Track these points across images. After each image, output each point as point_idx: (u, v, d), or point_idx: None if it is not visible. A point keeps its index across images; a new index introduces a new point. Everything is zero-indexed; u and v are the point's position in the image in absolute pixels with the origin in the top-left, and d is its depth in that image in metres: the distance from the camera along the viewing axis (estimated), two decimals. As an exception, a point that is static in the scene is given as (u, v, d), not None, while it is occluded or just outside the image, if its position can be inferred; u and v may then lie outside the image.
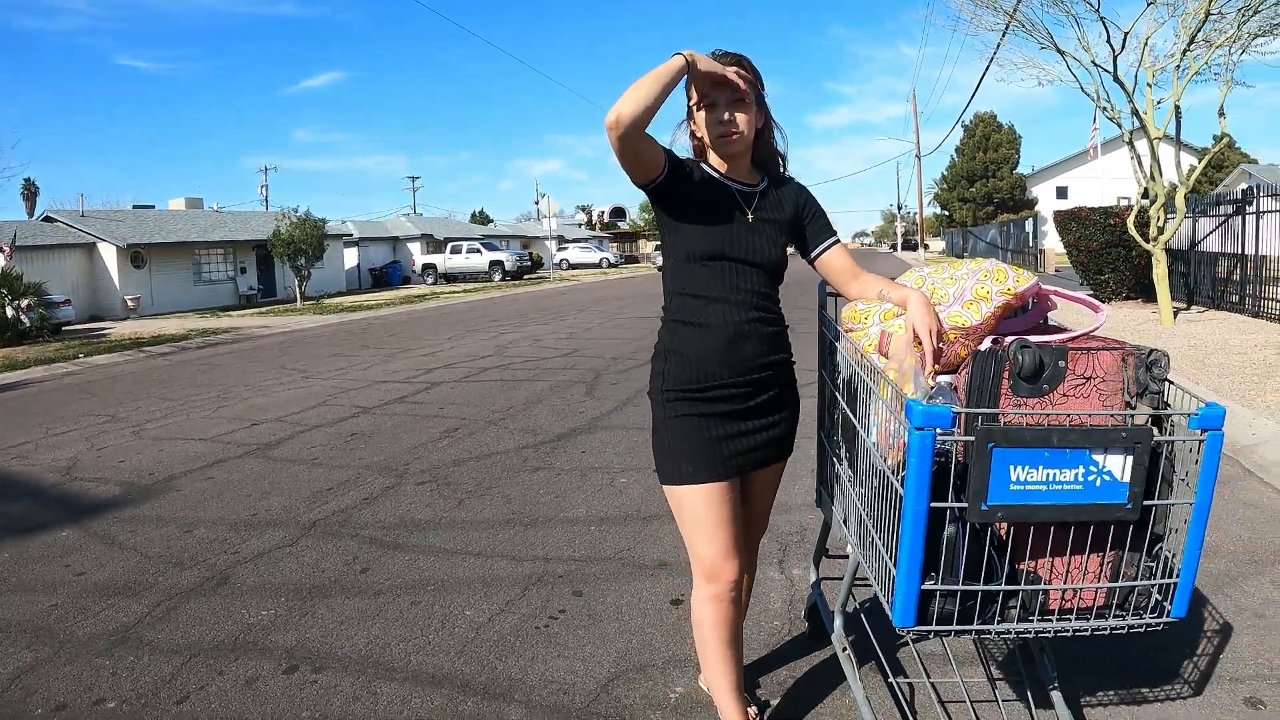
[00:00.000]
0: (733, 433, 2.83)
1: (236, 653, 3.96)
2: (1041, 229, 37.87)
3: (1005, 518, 2.19)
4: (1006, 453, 2.12)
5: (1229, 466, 6.52)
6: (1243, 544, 4.94)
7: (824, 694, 3.46)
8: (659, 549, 5.05)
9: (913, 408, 2.09)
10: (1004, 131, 68.96)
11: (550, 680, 3.62)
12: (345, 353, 15.94)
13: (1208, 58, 14.24)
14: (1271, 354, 10.85)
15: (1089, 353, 2.36)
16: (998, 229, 49.11)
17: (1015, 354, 2.32)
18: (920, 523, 2.16)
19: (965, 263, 2.82)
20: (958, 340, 2.65)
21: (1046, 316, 3.05)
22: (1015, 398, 2.35)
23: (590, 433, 8.18)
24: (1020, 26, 16.06)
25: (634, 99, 2.53)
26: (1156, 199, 15.06)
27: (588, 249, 67.79)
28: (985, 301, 2.64)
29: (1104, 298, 18.96)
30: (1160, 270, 14.93)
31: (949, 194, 71.40)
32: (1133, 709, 3.32)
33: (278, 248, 34.59)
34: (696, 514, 2.81)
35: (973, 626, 2.33)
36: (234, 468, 7.35)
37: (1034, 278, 2.73)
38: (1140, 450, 2.17)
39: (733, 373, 2.80)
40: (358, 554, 5.14)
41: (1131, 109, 15.12)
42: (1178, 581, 2.37)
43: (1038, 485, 2.16)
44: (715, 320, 2.79)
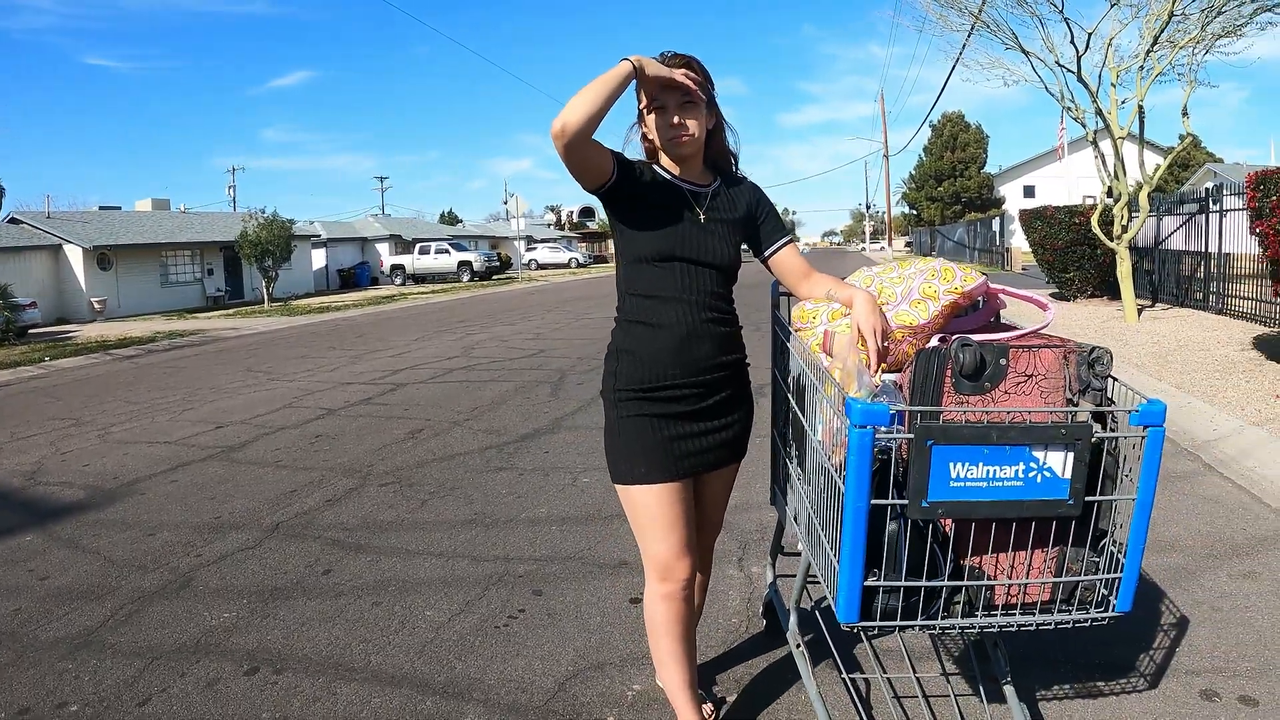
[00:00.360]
0: (685, 433, 2.83)
1: (198, 655, 3.95)
2: (1008, 228, 38.15)
3: (946, 514, 2.21)
4: (946, 450, 2.15)
5: (1189, 462, 6.60)
6: (1201, 538, 5.00)
7: (781, 690, 3.48)
8: (619, 548, 5.07)
9: (852, 406, 2.12)
10: (971, 131, 69.38)
11: (509, 679, 3.62)
12: (312, 354, 15.88)
13: (1171, 58, 14.38)
14: (1234, 351, 10.97)
15: (1031, 350, 2.39)
16: (965, 228, 49.39)
17: (957, 352, 2.35)
18: (861, 519, 2.18)
19: (914, 262, 2.85)
20: (905, 339, 2.68)
21: (998, 315, 3.08)
22: (958, 395, 2.37)
23: (554, 433, 8.19)
24: (985, 27, 16.18)
25: (578, 107, 2.52)
26: (1120, 198, 15.19)
27: (556, 249, 67.73)
28: (932, 300, 2.67)
29: (1069, 295, 19.11)
30: (1124, 268, 15.06)
31: (917, 193, 71.77)
32: (1088, 702, 3.36)
33: (245, 249, 34.37)
34: (649, 514, 2.81)
35: (916, 622, 2.36)
36: (198, 470, 7.32)
37: (981, 277, 2.76)
38: (1081, 447, 2.20)
39: (685, 373, 2.80)
40: (320, 555, 5.13)
41: (1095, 109, 15.25)
42: (1122, 576, 2.40)
43: (978, 482, 2.18)
44: (668, 320, 2.79)
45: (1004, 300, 3.03)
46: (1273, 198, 8.73)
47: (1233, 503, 5.63)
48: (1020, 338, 2.57)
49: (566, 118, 2.51)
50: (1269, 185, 8.87)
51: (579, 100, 2.53)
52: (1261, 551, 4.79)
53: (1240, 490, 5.89)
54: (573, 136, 2.53)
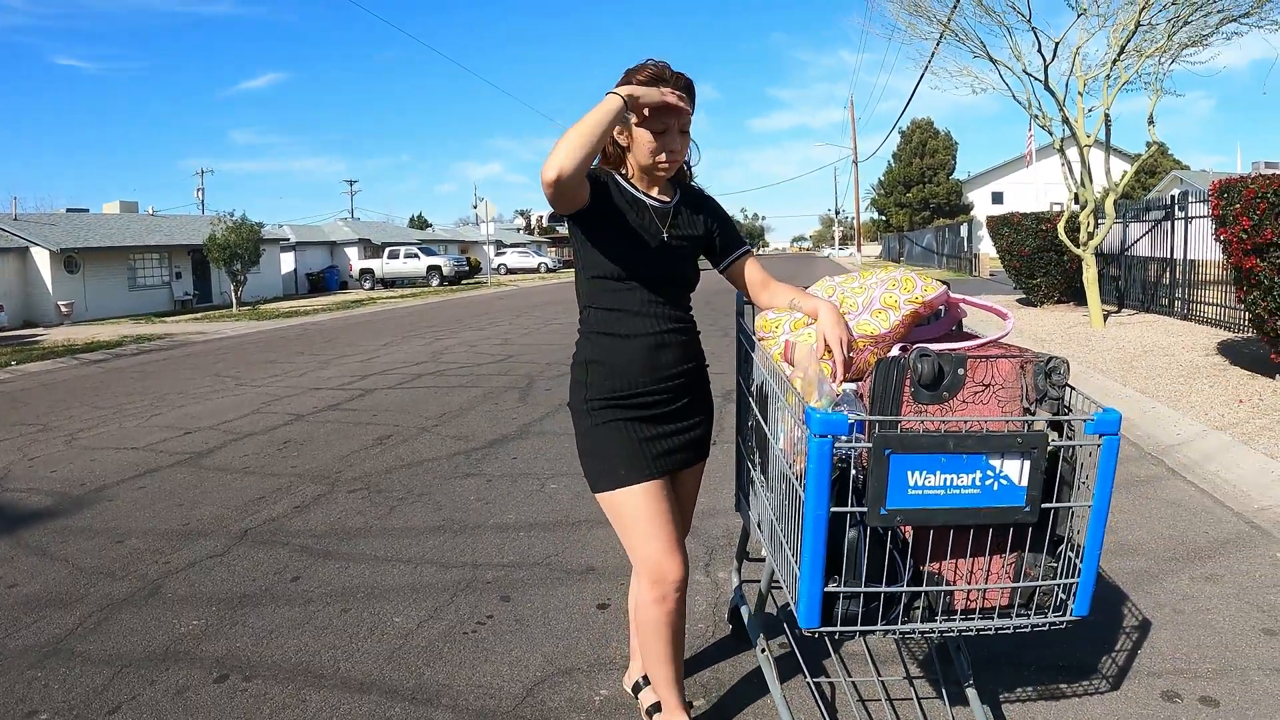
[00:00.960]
0: (656, 434, 2.88)
1: (167, 663, 3.94)
2: (977, 234, 38.38)
3: (905, 521, 2.25)
4: (904, 458, 2.18)
5: (1153, 466, 6.68)
6: (1164, 541, 5.07)
7: (747, 694, 3.51)
8: (587, 554, 5.09)
9: (812, 415, 2.15)
10: (940, 138, 69.86)
11: (477, 685, 3.64)
12: (280, 359, 15.80)
13: (1138, 67, 14.52)
14: (1199, 356, 11.09)
15: (988, 360, 2.43)
16: (933, 234, 49.73)
17: (916, 362, 2.38)
18: (821, 527, 2.21)
19: (875, 272, 2.89)
20: (866, 348, 2.71)
21: (959, 323, 3.12)
22: (916, 405, 2.41)
23: (522, 439, 8.20)
24: (954, 36, 16.30)
25: (572, 152, 2.47)
26: (1087, 205, 15.33)
27: (526, 254, 67.54)
28: (893, 310, 2.71)
29: (1036, 301, 19.28)
30: (1090, 274, 15.19)
31: (886, 199, 72.18)
32: (1050, 704, 3.41)
33: (213, 252, 34.08)
34: (634, 516, 2.82)
35: (877, 627, 2.39)
36: (166, 477, 7.28)
37: (942, 286, 2.79)
38: (1037, 455, 2.24)
39: (653, 379, 2.84)
40: (288, 562, 5.12)
41: (1063, 117, 15.38)
42: (1079, 581, 2.44)
43: (935, 489, 2.22)
44: (635, 331, 2.83)
45: (965, 309, 3.07)
46: (1236, 205, 8.84)
47: (1195, 506, 5.70)
48: (979, 347, 2.61)
49: (561, 164, 2.46)
50: (1233, 193, 8.98)
51: (570, 146, 2.47)
52: (1223, 554, 4.86)
53: (1203, 494, 5.96)
54: (568, 180, 2.50)
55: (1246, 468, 6.31)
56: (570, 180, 2.50)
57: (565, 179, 2.48)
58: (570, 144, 2.47)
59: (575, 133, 2.49)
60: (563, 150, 2.46)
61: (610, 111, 2.56)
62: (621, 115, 2.61)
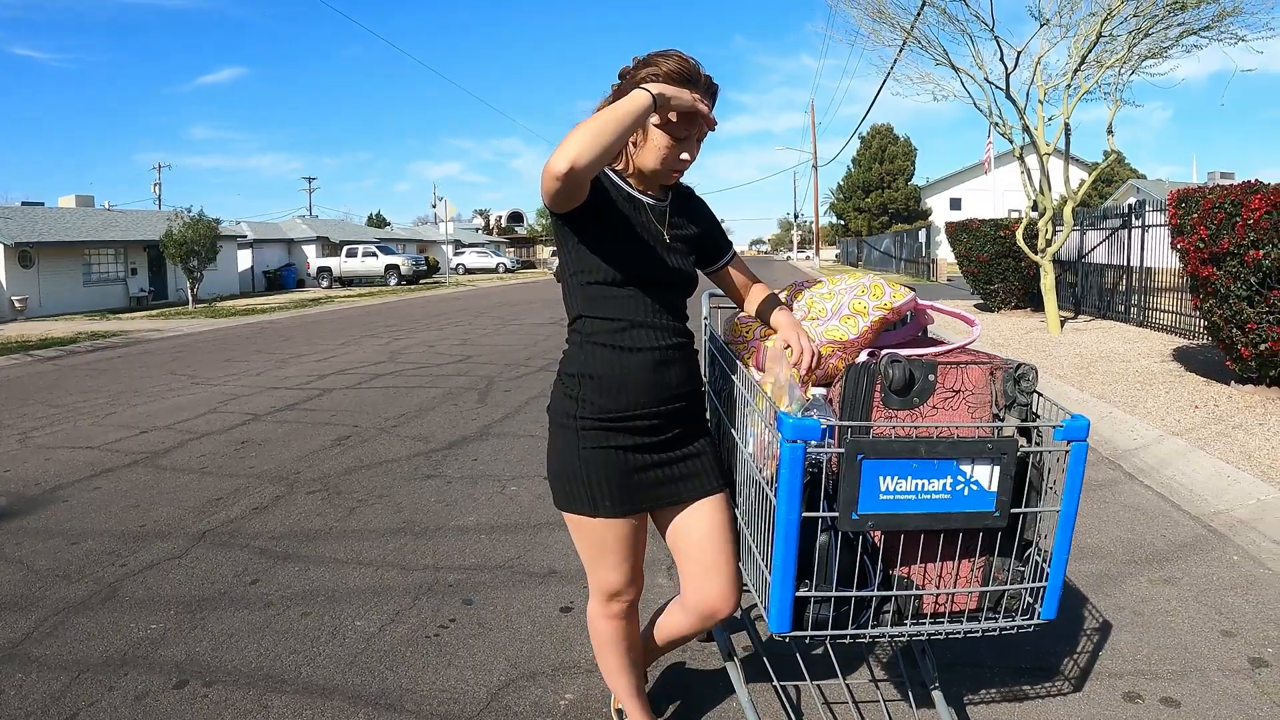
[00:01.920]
0: (649, 464, 2.66)
1: (126, 668, 3.88)
2: (935, 239, 38.68)
3: (876, 526, 2.25)
4: (875, 464, 2.19)
5: (1111, 470, 6.75)
6: (1123, 545, 5.12)
7: (713, 698, 3.51)
8: (549, 556, 5.08)
9: (784, 420, 2.15)
10: (900, 144, 70.42)
11: (441, 689, 3.61)
12: (237, 358, 15.65)
13: (1098, 78, 14.68)
14: (1154, 362, 11.22)
15: (959, 367, 2.44)
16: (892, 239, 50.06)
17: (886, 368, 2.39)
18: (792, 532, 2.21)
19: (844, 278, 2.89)
20: (835, 354, 2.71)
21: (926, 329, 3.13)
22: (887, 410, 2.41)
23: (482, 440, 8.17)
24: (917, 43, 16.40)
25: (593, 145, 2.24)
26: (1045, 212, 15.48)
27: (485, 254, 67.40)
28: (862, 316, 2.71)
29: (994, 307, 19.45)
30: (1048, 281, 15.34)
31: (845, 204, 72.63)
32: (1014, 705, 3.44)
33: (170, 248, 33.71)
34: (604, 546, 2.71)
35: (847, 631, 2.39)
36: (122, 477, 7.19)
37: (910, 293, 2.80)
38: (1006, 460, 2.25)
39: (654, 400, 2.61)
40: (247, 565, 5.07)
41: (1023, 125, 15.52)
42: (1047, 585, 2.46)
43: (907, 495, 2.22)
44: (639, 344, 2.59)
45: (932, 315, 3.08)
46: (1193, 215, 8.96)
47: (1153, 510, 5.77)
48: (948, 353, 2.62)
49: (576, 157, 2.23)
50: (1190, 203, 9.10)
51: (590, 137, 2.25)
52: (1181, 557, 4.92)
53: (1160, 498, 6.03)
54: (580, 175, 2.27)
55: (1202, 472, 6.39)
56: (581, 175, 2.27)
57: (577, 173, 2.25)
58: (589, 136, 2.25)
59: (596, 126, 2.27)
60: (579, 141, 2.24)
61: (639, 110, 2.34)
62: (648, 115, 2.40)
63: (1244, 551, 4.99)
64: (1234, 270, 8.52)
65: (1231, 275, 8.55)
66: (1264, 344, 8.41)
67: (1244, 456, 6.59)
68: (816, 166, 61.43)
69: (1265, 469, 6.24)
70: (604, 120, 2.28)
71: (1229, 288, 8.60)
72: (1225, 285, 8.64)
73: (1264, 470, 6.21)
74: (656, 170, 2.63)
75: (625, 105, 2.33)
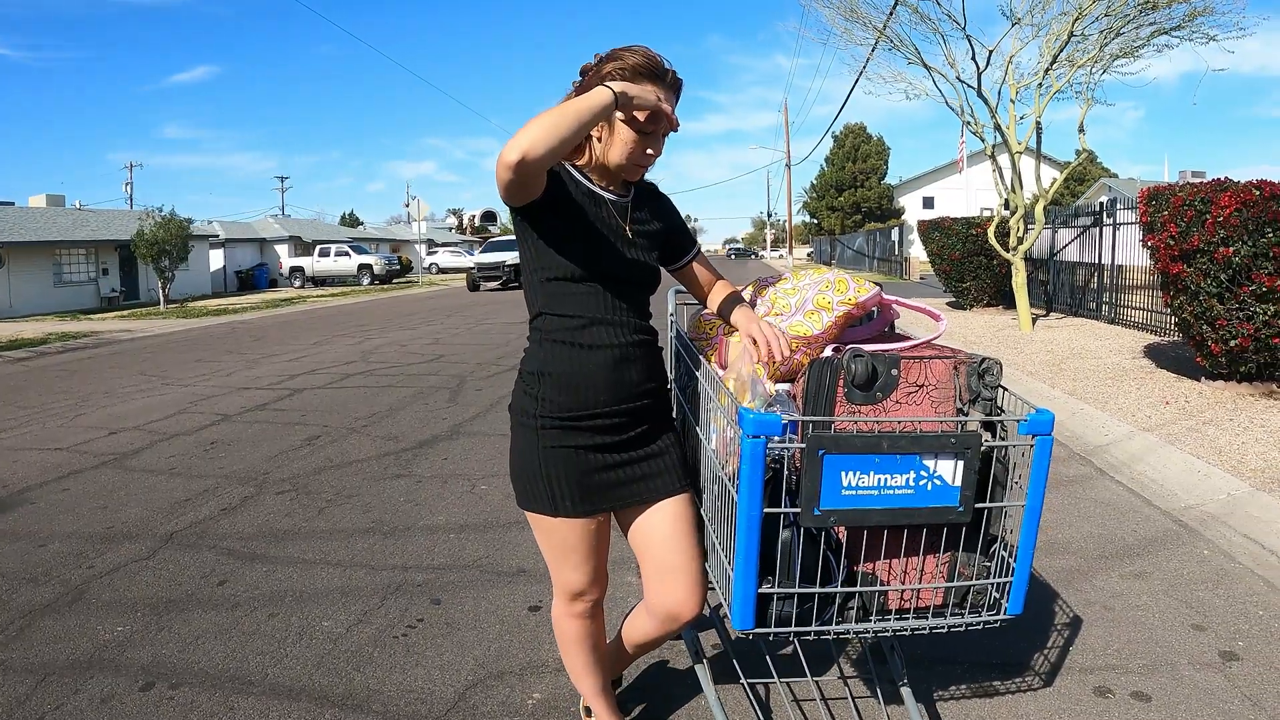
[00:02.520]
0: (609, 464, 2.63)
1: (92, 670, 3.84)
2: (908, 238, 38.82)
3: (838, 522, 2.24)
4: (837, 459, 2.17)
5: (1082, 466, 6.78)
6: (1094, 540, 5.14)
7: (682, 697, 3.50)
8: (517, 556, 5.06)
9: (745, 416, 2.13)
10: (873, 143, 70.75)
11: (408, 690, 3.59)
12: (208, 358, 15.55)
13: (1070, 77, 14.74)
14: (1125, 359, 11.28)
15: (922, 361, 2.43)
16: (865, 237, 50.28)
17: (849, 363, 2.37)
18: (754, 528, 2.20)
19: (808, 273, 2.87)
20: (799, 349, 2.70)
21: (892, 325, 3.13)
22: (850, 405, 2.40)
23: (452, 439, 8.14)
24: (889, 42, 16.41)
25: (547, 137, 2.21)
26: (1017, 210, 15.54)
27: (458, 253, 67.05)
28: (826, 311, 2.70)
29: (966, 304, 19.52)
30: (1019, 279, 15.40)
31: (818, 202, 72.93)
32: (985, 701, 3.44)
33: (141, 249, 33.46)
34: (566, 546, 2.70)
35: (811, 628, 2.38)
36: (90, 478, 7.12)
37: (875, 288, 2.79)
38: (970, 455, 2.24)
39: (615, 399, 2.58)
40: (215, 566, 5.02)
41: (994, 124, 15.57)
42: (1013, 580, 2.45)
43: (869, 490, 2.21)
44: (599, 341, 2.56)
45: (898, 310, 3.07)
46: (1164, 213, 9.01)
47: (1124, 505, 5.79)
48: (913, 348, 2.61)
49: (529, 147, 2.20)
50: (1160, 201, 9.15)
51: (543, 130, 2.21)
52: (1151, 552, 4.94)
53: (1131, 493, 6.06)
54: (532, 167, 2.24)
55: (1173, 467, 6.42)
56: (533, 167, 2.24)
57: (529, 163, 2.22)
58: (544, 128, 2.21)
59: (553, 118, 2.23)
60: (534, 132, 2.20)
61: (599, 106, 2.31)
62: (609, 112, 2.37)
63: (1215, 546, 5.02)
64: (1204, 267, 8.57)
65: (1201, 272, 8.61)
66: (1234, 340, 8.47)
67: (1214, 452, 6.62)
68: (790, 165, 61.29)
69: (1235, 464, 6.27)
70: (562, 113, 2.25)
71: (1199, 284, 8.65)
72: (1195, 282, 8.69)
73: (1234, 465, 6.25)
74: (622, 165, 2.60)
75: (586, 101, 2.31)
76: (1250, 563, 4.76)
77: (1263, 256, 8.12)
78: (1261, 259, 8.13)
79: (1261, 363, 8.59)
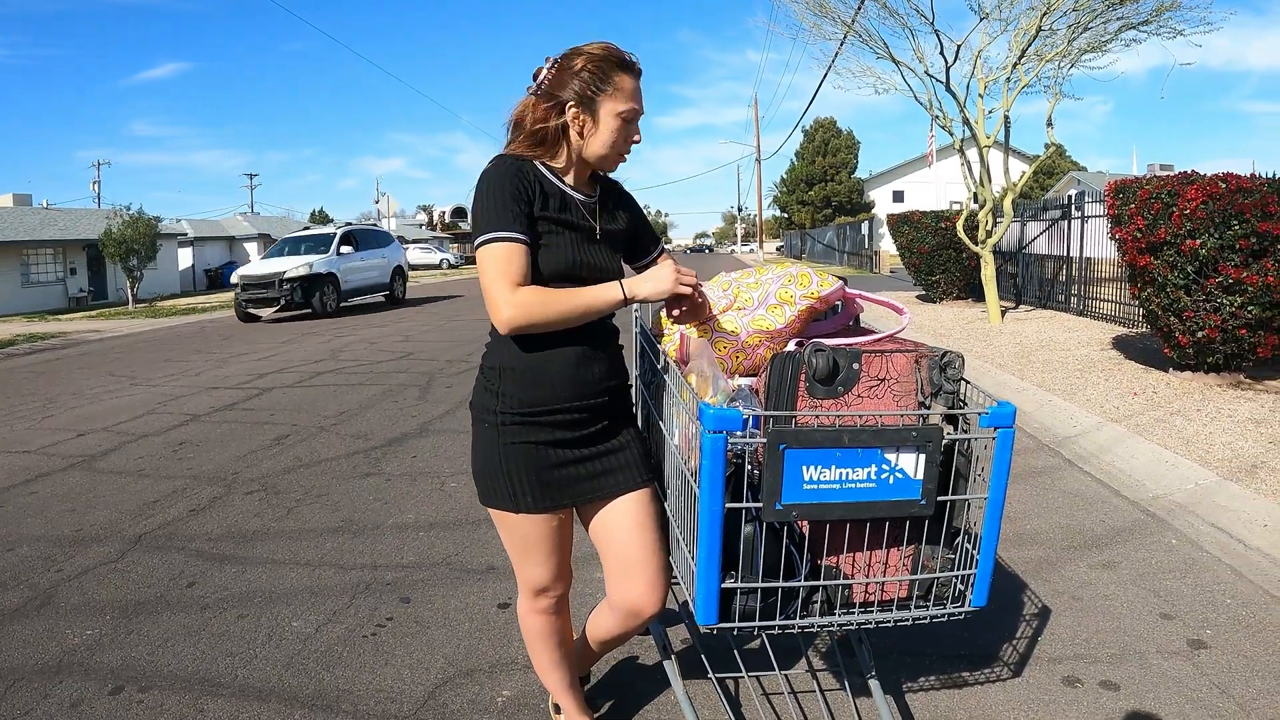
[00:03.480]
0: (570, 460, 2.65)
1: (61, 675, 3.81)
2: (878, 231, 38.98)
3: (800, 516, 2.24)
4: (798, 453, 2.17)
5: (1050, 457, 6.82)
6: (1062, 530, 5.18)
7: (651, 692, 3.51)
8: (487, 553, 5.05)
9: (705, 411, 2.13)
10: (843, 137, 70.95)
11: (378, 689, 3.58)
12: (177, 358, 15.45)
13: (1038, 71, 14.83)
14: (1094, 350, 11.35)
15: (883, 355, 2.43)
16: (835, 231, 50.42)
17: (811, 357, 2.38)
18: (716, 523, 2.20)
19: (771, 268, 2.87)
20: (762, 344, 2.70)
21: (856, 319, 3.13)
22: (812, 400, 2.40)
23: (421, 437, 8.13)
24: (858, 37, 16.46)
25: (547, 323, 2.45)
26: (986, 204, 15.62)
27: (428, 250, 66.82)
28: (789, 305, 2.70)
29: (935, 297, 19.62)
30: (988, 271, 15.49)
31: (788, 196, 73.07)
32: (954, 693, 3.46)
33: (109, 248, 33.17)
34: (529, 542, 2.71)
35: (775, 622, 2.38)
36: (59, 481, 7.06)
37: (838, 282, 2.79)
38: (932, 449, 2.24)
39: (576, 395, 2.60)
40: (184, 568, 4.99)
41: (963, 118, 15.65)
42: (977, 572, 2.46)
43: (831, 484, 2.21)
44: (561, 338, 2.56)
45: (861, 304, 3.08)
46: (1132, 205, 9.07)
47: (1092, 496, 5.84)
48: (875, 342, 2.61)
49: (525, 325, 2.44)
50: (1128, 194, 9.20)
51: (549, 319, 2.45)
52: (1119, 542, 4.98)
53: (1099, 484, 6.11)
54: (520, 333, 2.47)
55: (1141, 458, 6.47)
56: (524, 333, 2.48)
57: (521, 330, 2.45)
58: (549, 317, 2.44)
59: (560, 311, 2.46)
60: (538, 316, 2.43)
61: (606, 305, 2.52)
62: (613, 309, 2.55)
63: (1182, 535, 5.06)
64: (1171, 259, 8.63)
65: (1169, 264, 8.67)
66: (1201, 331, 8.54)
67: (1182, 442, 6.68)
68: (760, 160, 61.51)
69: (1202, 454, 6.33)
70: (570, 308, 2.45)
71: (1166, 277, 8.71)
72: (1163, 274, 8.75)
73: (1201, 455, 6.30)
74: (605, 156, 2.61)
75: (598, 302, 2.49)
76: (1218, 551, 4.81)
77: (1229, 249, 8.19)
78: (1228, 251, 8.20)
79: (1228, 354, 8.67)
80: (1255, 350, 8.51)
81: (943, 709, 3.36)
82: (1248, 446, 6.46)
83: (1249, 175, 8.49)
